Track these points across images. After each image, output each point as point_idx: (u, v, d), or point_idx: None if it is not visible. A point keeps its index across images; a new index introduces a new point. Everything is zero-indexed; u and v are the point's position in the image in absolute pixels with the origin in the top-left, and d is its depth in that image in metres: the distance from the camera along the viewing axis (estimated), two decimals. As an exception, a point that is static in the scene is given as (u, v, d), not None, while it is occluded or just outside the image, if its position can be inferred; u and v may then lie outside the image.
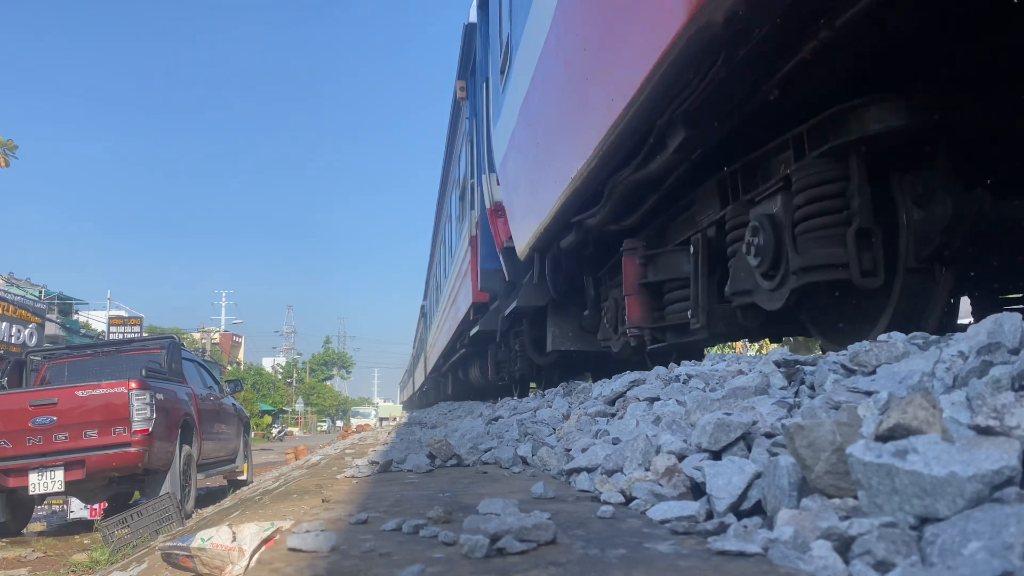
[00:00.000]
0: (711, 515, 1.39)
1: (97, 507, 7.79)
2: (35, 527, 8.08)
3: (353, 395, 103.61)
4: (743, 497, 1.37)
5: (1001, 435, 1.07)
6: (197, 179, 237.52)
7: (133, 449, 6.76)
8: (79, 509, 7.91)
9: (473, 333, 11.23)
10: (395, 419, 36.43)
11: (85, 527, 7.46)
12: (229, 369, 46.80)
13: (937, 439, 1.04)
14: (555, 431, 3.08)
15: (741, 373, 2.60)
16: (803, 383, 2.17)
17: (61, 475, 6.64)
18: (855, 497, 1.11)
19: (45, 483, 6.63)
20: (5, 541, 6.96)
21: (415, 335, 38.53)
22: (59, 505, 8.85)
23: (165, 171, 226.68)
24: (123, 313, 35.26)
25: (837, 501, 1.14)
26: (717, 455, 1.66)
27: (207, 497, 9.12)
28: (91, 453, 6.72)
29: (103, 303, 39.17)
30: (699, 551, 1.19)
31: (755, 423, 1.72)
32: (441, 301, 18.19)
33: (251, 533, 1.67)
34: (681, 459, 1.74)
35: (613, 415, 2.90)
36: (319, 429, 62.56)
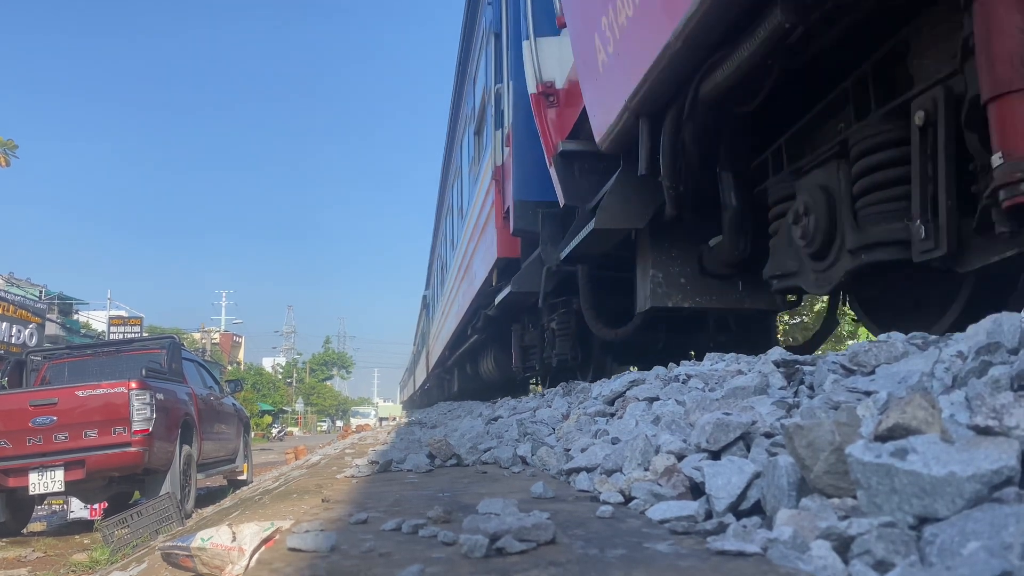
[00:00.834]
0: (710, 515, 1.39)
1: (97, 507, 7.80)
2: (35, 527, 8.08)
3: (353, 395, 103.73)
4: (742, 497, 1.37)
5: (1000, 435, 1.07)
6: (197, 179, 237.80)
7: (133, 449, 6.76)
8: (79, 509, 7.91)
9: (500, 299, 7.88)
10: (395, 419, 36.38)
11: (85, 527, 7.46)
12: (229, 369, 46.81)
13: (936, 439, 1.04)
14: (555, 431, 3.08)
15: (740, 373, 2.60)
16: (802, 383, 2.17)
17: (61, 475, 6.64)
18: (854, 497, 1.11)
19: (45, 483, 6.63)
20: (5, 541, 6.96)
21: (416, 330, 36.44)
22: (59, 505, 8.86)
23: (165, 171, 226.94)
24: (123, 313, 35.27)
25: (836, 501, 1.14)
26: (716, 455, 1.66)
27: (207, 497, 9.12)
28: (91, 453, 6.72)
29: (103, 303, 39.21)
30: (698, 551, 1.19)
31: (754, 423, 1.72)
32: (448, 281, 15.31)
33: (251, 533, 1.67)
34: (680, 459, 1.74)
35: (612, 415, 2.90)
36: (319, 429, 62.57)
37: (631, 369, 6.08)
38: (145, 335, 25.28)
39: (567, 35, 5.20)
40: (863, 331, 13.31)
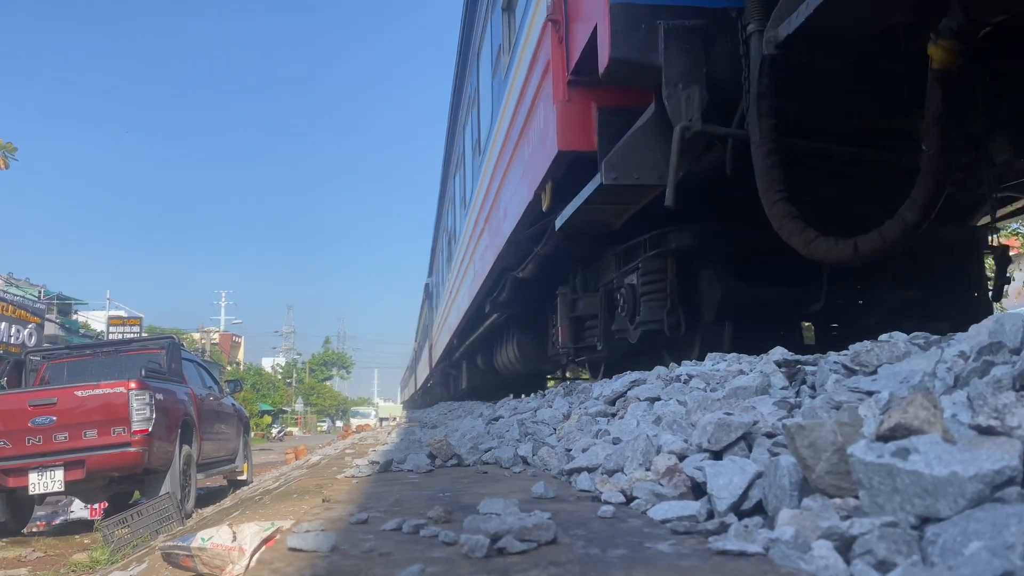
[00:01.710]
0: (712, 515, 1.39)
1: (97, 507, 7.80)
2: (35, 527, 8.08)
3: (353, 395, 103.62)
4: (744, 497, 1.37)
5: (1002, 435, 1.07)
6: (196, 178, 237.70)
7: (133, 449, 6.76)
8: (79, 509, 7.91)
9: (566, 221, 4.86)
10: (395, 419, 36.31)
11: (85, 527, 7.46)
12: (229, 369, 46.81)
13: (938, 439, 1.04)
14: (556, 431, 3.08)
15: (742, 373, 2.60)
16: (804, 383, 2.17)
17: (61, 475, 6.64)
18: (856, 497, 1.11)
19: (45, 483, 6.63)
20: (5, 541, 6.95)
21: (417, 324, 33.61)
22: (63, 506, 8.85)
23: (165, 171, 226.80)
24: (122, 313, 35.25)
25: (838, 501, 1.14)
26: (718, 455, 1.66)
27: (207, 497, 9.12)
28: (91, 453, 6.71)
29: (102, 303, 39.17)
30: (700, 551, 1.19)
31: (756, 423, 1.72)
32: (459, 252, 12.33)
33: (251, 533, 1.66)
34: (682, 459, 1.74)
35: (614, 415, 2.90)
36: (319, 429, 62.55)
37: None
38: (144, 335, 25.28)
39: None
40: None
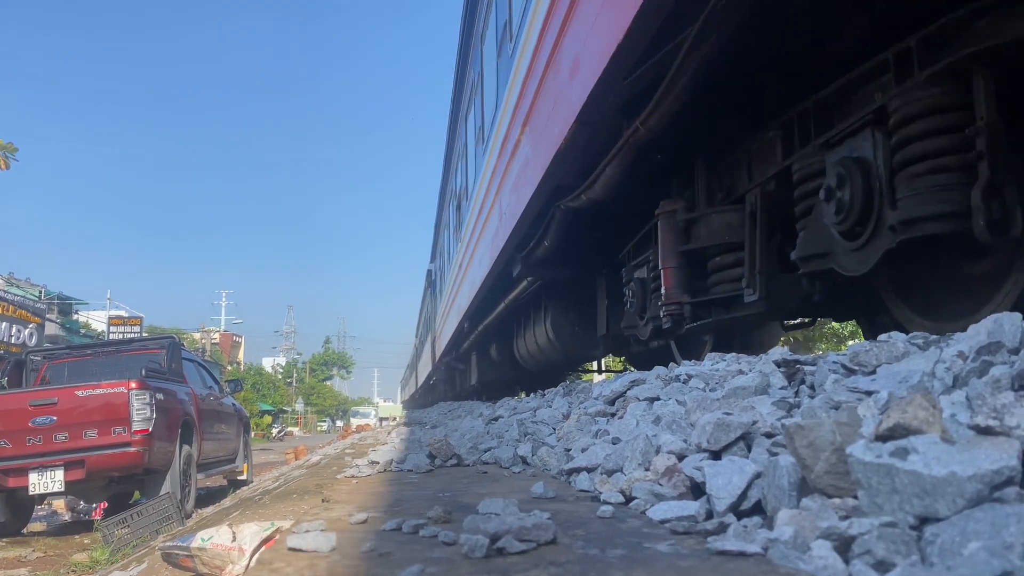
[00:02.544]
0: (711, 515, 1.39)
1: (97, 507, 7.80)
2: (35, 527, 8.08)
3: (353, 395, 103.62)
4: (743, 497, 1.37)
5: (1001, 435, 1.07)
6: (197, 178, 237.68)
7: (133, 449, 6.76)
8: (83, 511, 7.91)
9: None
10: (395, 419, 36.21)
11: (85, 527, 7.46)
12: (229, 369, 46.81)
13: (937, 439, 1.04)
14: (555, 431, 3.08)
15: (741, 373, 2.60)
16: (803, 383, 2.17)
17: (61, 475, 6.64)
18: (855, 497, 1.11)
19: (45, 483, 6.63)
20: (5, 541, 6.95)
21: (418, 317, 31.68)
22: (64, 511, 8.85)
23: (165, 171, 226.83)
24: (123, 313, 35.26)
25: (837, 501, 1.14)
26: (717, 455, 1.66)
27: (207, 497, 9.12)
28: (91, 453, 6.72)
29: (103, 303, 39.20)
30: (699, 551, 1.19)
31: (755, 423, 1.72)
32: (475, 204, 9.80)
33: (251, 533, 1.66)
34: (681, 459, 1.74)
35: (613, 415, 2.90)
36: (319, 429, 62.57)
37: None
38: (145, 335, 25.27)
39: None
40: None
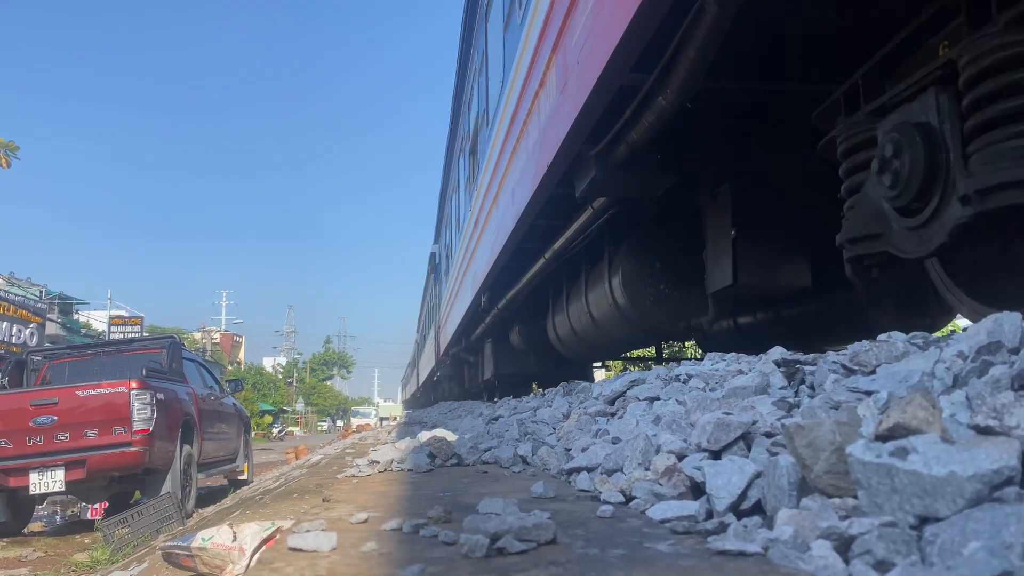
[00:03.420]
0: (711, 515, 1.39)
1: (97, 507, 7.80)
2: (35, 527, 8.08)
3: (353, 395, 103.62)
4: (743, 497, 1.37)
5: (1001, 435, 1.07)
6: (197, 178, 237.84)
7: (134, 449, 6.76)
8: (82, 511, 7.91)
9: None
10: (395, 419, 36.12)
11: (85, 527, 7.46)
12: (229, 369, 46.80)
13: (937, 439, 1.04)
14: (555, 430, 3.08)
15: (741, 372, 2.60)
16: (803, 383, 2.17)
17: (62, 475, 6.64)
18: (855, 497, 1.11)
19: (46, 483, 6.63)
20: (5, 541, 6.95)
21: (420, 309, 29.36)
22: (73, 511, 8.86)
23: (165, 171, 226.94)
24: (124, 313, 35.26)
25: (837, 501, 1.14)
26: (717, 455, 1.66)
27: (207, 497, 9.12)
28: (92, 453, 6.72)
29: (104, 303, 39.21)
30: (699, 551, 1.19)
31: (755, 423, 1.72)
32: (498, 128, 7.33)
33: (252, 533, 1.67)
34: (681, 459, 1.74)
35: (613, 415, 2.90)
36: (319, 429, 62.57)
37: None
38: (145, 335, 25.27)
39: None
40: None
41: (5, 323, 20.42)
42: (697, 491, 1.57)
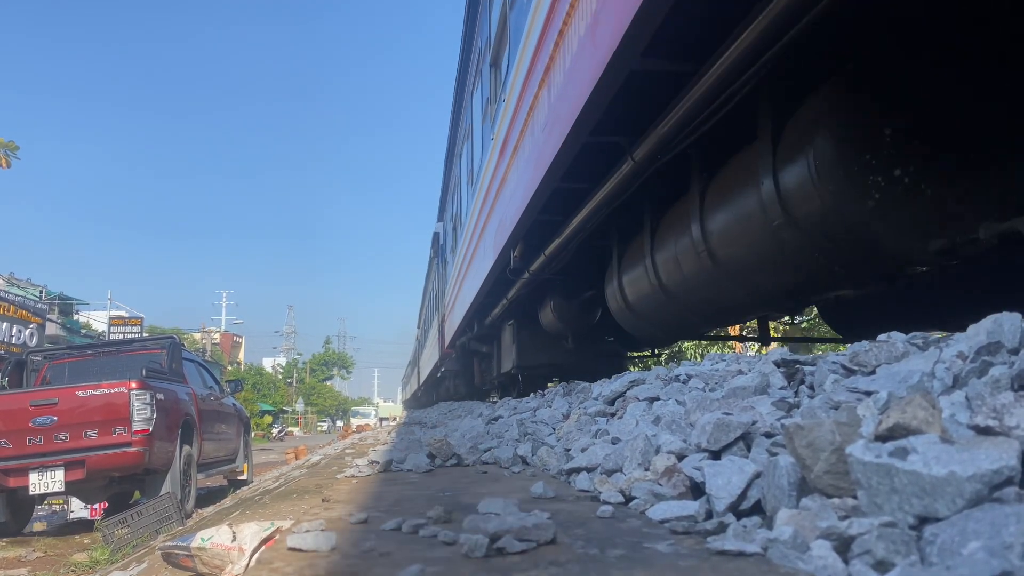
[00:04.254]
0: (710, 515, 1.39)
1: (97, 507, 7.80)
2: (35, 527, 8.08)
3: (353, 395, 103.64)
4: (743, 497, 1.37)
5: (1000, 435, 1.07)
6: (197, 179, 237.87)
7: (133, 449, 6.76)
8: (79, 509, 7.91)
9: None
10: (395, 419, 36.04)
11: (85, 527, 7.46)
12: (229, 369, 46.81)
13: (936, 439, 1.04)
14: (555, 431, 3.08)
15: (741, 373, 2.60)
16: (803, 383, 2.17)
17: (61, 475, 6.64)
18: (855, 497, 1.11)
19: (45, 483, 6.63)
20: (5, 541, 6.95)
21: (421, 300, 27.07)
22: (59, 505, 8.85)
23: (165, 171, 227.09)
24: (123, 313, 35.23)
25: (836, 501, 1.14)
26: (717, 455, 1.66)
27: (207, 497, 9.12)
28: (91, 453, 6.72)
29: (103, 303, 39.19)
30: (698, 551, 1.19)
31: (755, 423, 1.72)
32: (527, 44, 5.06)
33: (251, 533, 1.67)
34: (681, 459, 1.74)
35: (613, 415, 2.90)
36: (319, 429, 62.55)
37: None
38: (145, 335, 25.27)
39: None
40: (863, 331, 13.21)
41: (5, 323, 20.42)
42: (697, 491, 1.57)
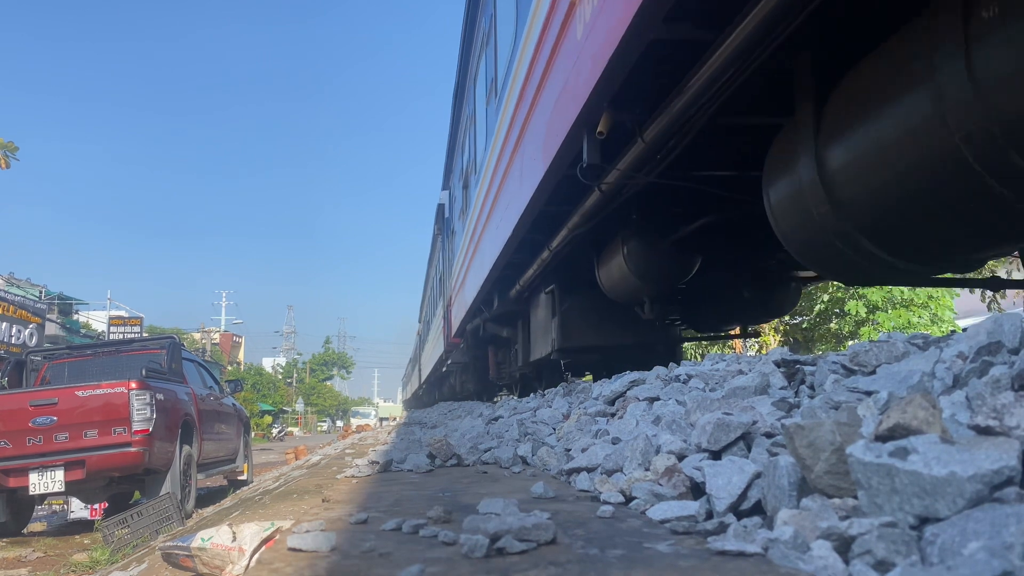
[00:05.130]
0: (711, 515, 1.39)
1: (97, 507, 7.80)
2: (35, 527, 8.08)
3: (353, 395, 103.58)
4: (743, 497, 1.37)
5: (1001, 435, 1.07)
6: (197, 179, 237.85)
7: (133, 449, 6.76)
8: (79, 509, 7.91)
9: None
10: (395, 419, 35.97)
11: (85, 527, 7.46)
12: (229, 369, 46.80)
13: (937, 439, 1.04)
14: (555, 431, 3.08)
15: (741, 373, 2.60)
16: (803, 383, 2.17)
17: (61, 475, 6.64)
18: (855, 497, 1.11)
19: (45, 483, 6.63)
20: (5, 541, 6.95)
21: (423, 290, 25.15)
22: (59, 505, 8.85)
23: (165, 171, 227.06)
24: (123, 313, 35.21)
25: (837, 501, 1.14)
26: (717, 455, 1.66)
27: (207, 497, 9.12)
28: (91, 453, 6.72)
29: (103, 303, 39.13)
30: (699, 551, 1.19)
31: (755, 423, 1.72)
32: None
33: (251, 533, 1.67)
34: (681, 459, 1.74)
35: (613, 415, 2.90)
36: (319, 429, 62.54)
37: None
38: (145, 335, 25.27)
39: None
40: (864, 331, 13.25)
41: (5, 323, 20.41)
42: (697, 491, 1.57)
